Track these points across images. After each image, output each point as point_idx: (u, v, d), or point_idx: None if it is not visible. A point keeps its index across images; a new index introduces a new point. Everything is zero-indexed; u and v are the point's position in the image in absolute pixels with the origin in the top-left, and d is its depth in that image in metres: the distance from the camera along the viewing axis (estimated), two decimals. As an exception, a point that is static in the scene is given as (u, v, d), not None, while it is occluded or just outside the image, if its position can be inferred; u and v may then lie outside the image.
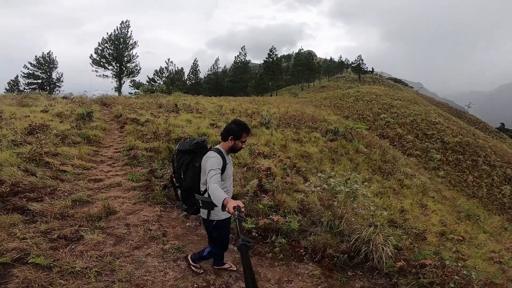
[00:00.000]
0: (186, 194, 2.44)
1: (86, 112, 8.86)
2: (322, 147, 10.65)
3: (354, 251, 3.38)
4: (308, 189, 4.35)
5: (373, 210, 3.83)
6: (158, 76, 40.00)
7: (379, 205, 5.57)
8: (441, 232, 5.72)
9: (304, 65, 56.64)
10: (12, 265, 2.66)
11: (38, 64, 33.52)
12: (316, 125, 14.86)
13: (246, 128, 2.38)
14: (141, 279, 2.68)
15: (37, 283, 2.45)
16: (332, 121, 16.90)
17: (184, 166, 2.40)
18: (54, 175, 5.06)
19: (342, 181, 4.19)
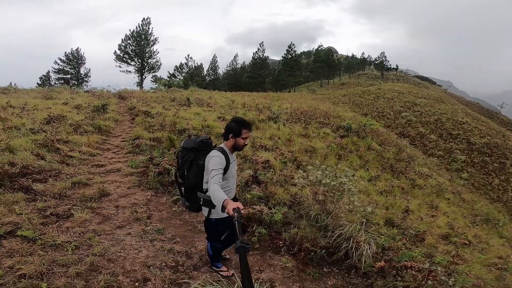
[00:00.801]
0: (189, 192, 2.44)
1: (101, 105, 9.34)
2: (330, 143, 10.46)
3: (335, 247, 3.27)
4: (296, 182, 4.30)
5: (358, 206, 3.71)
6: (178, 71, 41.04)
7: (370, 202, 5.39)
8: (446, 234, 5.44)
9: (324, 61, 55.45)
10: (4, 237, 2.92)
11: (68, 60, 35.69)
12: (328, 121, 14.58)
13: (245, 124, 2.35)
14: (114, 255, 2.84)
15: (19, 253, 2.67)
16: (347, 118, 16.48)
17: (188, 163, 2.40)
18: (62, 159, 5.42)
19: (331, 174, 4.11)
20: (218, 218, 2.36)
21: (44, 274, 2.42)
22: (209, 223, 2.45)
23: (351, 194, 3.73)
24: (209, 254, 2.68)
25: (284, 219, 3.89)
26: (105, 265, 2.67)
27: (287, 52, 48.29)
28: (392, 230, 4.44)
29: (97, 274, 2.52)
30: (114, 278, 2.49)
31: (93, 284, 2.37)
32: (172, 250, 3.03)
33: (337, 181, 3.87)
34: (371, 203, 5.08)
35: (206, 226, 2.56)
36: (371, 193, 6.78)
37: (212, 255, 2.66)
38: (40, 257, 2.64)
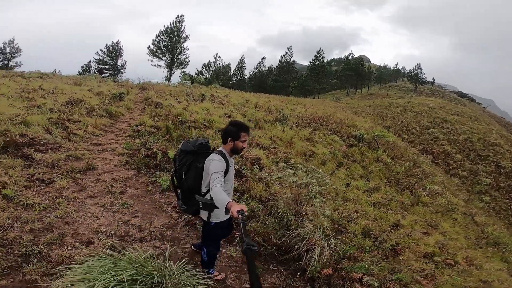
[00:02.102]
0: (187, 195, 2.41)
1: (119, 93, 10.02)
2: (334, 150, 10.28)
3: (289, 247, 3.23)
4: (263, 175, 4.37)
5: (318, 207, 3.68)
6: (205, 69, 42.33)
7: (335, 205, 5.22)
8: (431, 253, 5.19)
9: (353, 70, 54.07)
10: (-13, 192, 3.34)
11: (108, 52, 38.42)
12: (340, 129, 14.30)
13: (243, 127, 2.34)
14: (73, 219, 3.13)
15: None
16: (362, 128, 16.04)
17: (186, 166, 2.37)
18: (66, 136, 5.96)
19: (302, 174, 4.14)
20: (217, 222, 2.36)
21: (3, 226, 2.76)
22: (208, 227, 2.42)
23: (313, 195, 3.72)
24: (203, 260, 2.58)
25: (251, 213, 3.95)
26: (60, 226, 2.97)
27: (315, 58, 47.85)
28: (365, 241, 4.34)
29: (48, 232, 2.82)
30: (62, 237, 2.77)
31: (39, 239, 2.66)
32: (128, 222, 3.27)
33: (304, 181, 3.89)
34: (341, 209, 4.95)
35: (205, 231, 2.52)
36: (362, 203, 6.61)
37: (207, 261, 2.57)
38: (9, 213, 2.99)
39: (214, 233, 2.47)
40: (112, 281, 1.66)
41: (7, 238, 2.60)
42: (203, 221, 2.43)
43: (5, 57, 34.76)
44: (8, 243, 2.54)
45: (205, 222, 2.41)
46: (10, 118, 5.94)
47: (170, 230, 3.25)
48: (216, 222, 2.38)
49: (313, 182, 4.26)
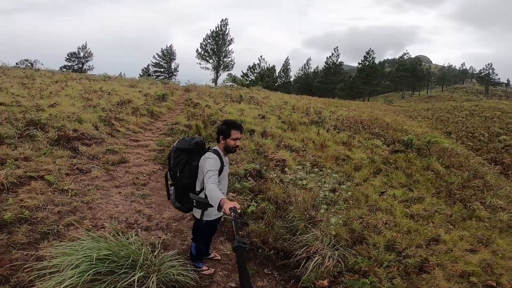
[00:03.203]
0: (181, 193, 2.42)
1: (162, 94, 10.85)
2: (374, 155, 9.52)
3: (289, 252, 3.05)
4: (283, 177, 4.24)
5: (322, 214, 3.42)
6: (250, 71, 43.25)
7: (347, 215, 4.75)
8: (469, 272, 4.47)
9: (408, 71, 49.46)
10: (35, 178, 3.91)
11: (163, 55, 42.04)
12: (385, 133, 13.20)
13: (235, 125, 2.34)
14: (96, 205, 3.48)
15: (37, 190, 3.56)
16: (413, 133, 14.55)
17: (181, 164, 2.37)
18: (110, 132, 6.68)
19: (328, 178, 3.94)
20: (208, 220, 2.38)
21: (37, 207, 3.20)
22: (199, 225, 2.46)
23: (333, 201, 3.49)
24: (192, 254, 2.65)
25: (260, 214, 3.87)
26: (83, 210, 3.32)
27: (364, 59, 45.14)
28: (386, 255, 3.92)
29: (71, 215, 3.17)
30: (81, 220, 3.09)
31: (62, 220, 3.01)
32: (140, 211, 3.50)
33: (329, 186, 3.67)
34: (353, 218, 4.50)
35: (195, 228, 2.57)
36: (395, 214, 5.98)
37: (195, 255, 2.64)
38: (46, 196, 3.46)
39: (204, 230, 2.50)
40: (87, 255, 1.83)
41: (37, 217, 3.00)
42: (195, 218, 2.47)
43: (79, 61, 40.38)
44: (36, 222, 2.94)
45: (197, 219, 2.44)
46: (68, 115, 6.89)
47: (176, 222, 3.39)
48: (207, 220, 2.41)
49: (339, 188, 4.01)
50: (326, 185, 3.64)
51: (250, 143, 7.14)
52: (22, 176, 3.93)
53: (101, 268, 1.85)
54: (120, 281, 1.85)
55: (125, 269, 1.93)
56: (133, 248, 2.19)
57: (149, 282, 1.94)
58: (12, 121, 5.87)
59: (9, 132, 5.36)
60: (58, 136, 5.61)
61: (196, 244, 2.58)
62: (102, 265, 1.86)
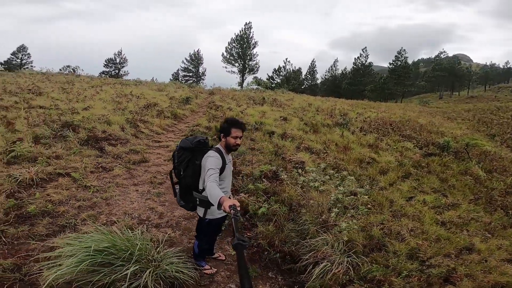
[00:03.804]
0: (185, 191, 2.43)
1: (186, 97, 11.20)
2: (404, 159, 8.92)
3: (297, 256, 2.90)
4: (300, 180, 4.10)
5: (333, 217, 3.22)
6: (276, 74, 43.20)
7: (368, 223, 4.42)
8: (503, 284, 3.97)
9: (446, 70, 46.04)
10: (63, 175, 4.20)
11: (191, 60, 43.58)
12: (418, 135, 12.35)
13: (235, 123, 2.32)
14: (114, 201, 3.63)
15: (63, 186, 3.81)
16: (450, 135, 13.46)
17: (185, 163, 2.38)
18: (134, 133, 7.00)
19: (332, 181, 3.77)
20: (211, 219, 2.39)
21: (61, 201, 3.41)
22: (203, 223, 2.47)
23: (333, 205, 3.31)
24: (194, 252, 2.67)
25: (273, 216, 3.77)
26: (101, 206, 3.48)
27: (396, 59, 42.96)
28: (408, 263, 3.62)
29: (90, 209, 3.34)
30: (97, 215, 3.24)
31: (80, 215, 3.17)
32: (153, 209, 3.59)
33: (346, 189, 3.48)
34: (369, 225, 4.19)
35: (199, 226, 2.58)
36: (424, 221, 5.52)
37: (198, 254, 2.65)
38: (70, 192, 3.69)
39: (207, 229, 2.49)
40: (86, 247, 1.91)
41: (58, 211, 3.20)
42: (198, 216, 2.47)
43: (116, 66, 43.18)
44: (57, 215, 3.13)
45: (200, 218, 2.46)
46: (99, 117, 7.36)
47: (186, 221, 3.42)
48: (210, 219, 2.40)
49: (357, 191, 3.80)
50: (340, 188, 3.45)
51: (268, 144, 7.06)
52: (52, 172, 4.24)
53: (98, 259, 1.91)
54: (115, 273, 1.89)
55: (122, 262, 1.97)
56: (137, 243, 2.23)
57: (144, 276, 1.95)
58: (49, 122, 6.40)
59: (45, 132, 5.84)
60: (87, 136, 6.00)
61: (199, 242, 2.58)
62: (99, 256, 1.92)
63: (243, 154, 6.12)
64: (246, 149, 6.55)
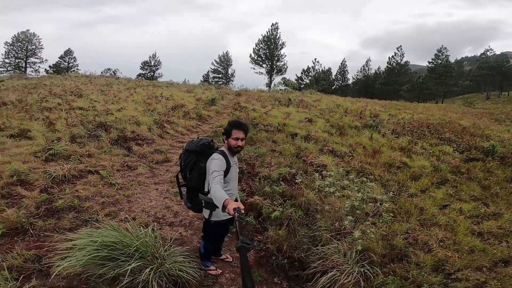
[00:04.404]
0: (192, 193, 2.45)
1: (211, 99, 11.45)
2: (440, 164, 8.21)
3: (306, 263, 2.76)
4: (319, 184, 3.94)
5: (346, 225, 3.01)
6: (305, 75, 42.54)
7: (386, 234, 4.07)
8: None
9: (493, 68, 41.67)
10: (92, 172, 4.50)
11: (220, 62, 44.59)
12: (459, 139, 11.30)
13: (236, 125, 2.31)
14: (134, 199, 3.80)
15: (91, 183, 4.08)
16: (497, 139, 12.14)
17: (190, 165, 2.40)
18: (160, 134, 7.31)
19: (352, 185, 3.57)
20: (217, 221, 2.39)
21: (87, 197, 3.65)
22: (208, 225, 2.48)
23: (348, 211, 3.12)
24: (200, 252, 2.70)
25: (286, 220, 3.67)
26: (122, 203, 3.66)
27: (436, 57, 39.91)
28: (432, 276, 3.31)
29: (111, 205, 3.53)
30: (118, 211, 3.41)
31: (102, 211, 3.36)
32: (169, 208, 3.69)
33: (367, 195, 3.28)
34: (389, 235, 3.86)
35: (205, 227, 2.60)
36: (458, 231, 5.00)
37: (203, 254, 2.68)
38: (97, 188, 3.94)
39: (212, 230, 2.49)
40: (93, 241, 2.05)
41: (83, 206, 3.43)
42: (204, 218, 2.49)
43: (151, 69, 45.58)
44: (82, 210, 3.35)
45: (206, 219, 2.47)
46: (129, 118, 7.80)
47: (199, 221, 3.46)
48: (215, 220, 2.40)
49: (381, 198, 3.56)
50: (358, 195, 3.24)
51: (290, 146, 6.93)
52: (82, 170, 4.57)
53: (103, 253, 2.00)
54: (119, 268, 1.96)
55: (126, 257, 2.04)
56: (146, 239, 2.29)
57: (145, 273, 2.00)
58: (85, 123, 6.92)
59: (81, 132, 6.31)
60: (117, 136, 6.38)
61: (205, 243, 2.60)
62: (105, 251, 2.01)
63: (263, 156, 6.08)
64: (266, 151, 6.49)
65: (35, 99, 9.90)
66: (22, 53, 42.15)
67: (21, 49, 42.03)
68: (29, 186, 3.85)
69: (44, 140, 5.71)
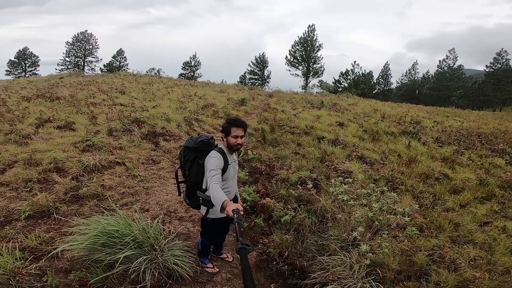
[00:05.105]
0: (191, 190, 2.46)
1: (241, 99, 11.58)
2: (488, 177, 7.25)
3: (308, 272, 2.59)
4: (339, 190, 3.74)
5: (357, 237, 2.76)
6: (343, 78, 40.96)
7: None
8: None
9: None
10: (120, 164, 4.81)
11: (256, 63, 45.05)
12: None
13: (235, 122, 2.29)
14: (152, 192, 3.98)
15: (117, 173, 4.37)
16: None
17: (189, 162, 2.41)
18: (187, 131, 7.57)
19: (371, 194, 3.33)
20: (214, 218, 2.39)
21: (110, 187, 3.90)
22: (205, 222, 2.49)
23: (359, 222, 2.88)
24: (198, 249, 2.72)
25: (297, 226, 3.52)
26: (141, 195, 3.85)
27: (495, 61, 35.52)
28: None
29: (131, 196, 3.72)
30: (135, 202, 3.59)
31: (120, 201, 3.56)
32: (183, 203, 3.77)
33: (356, 201, 3.04)
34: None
35: (202, 224, 2.61)
36: (496, 250, 4.35)
37: (201, 250, 2.69)
38: (121, 179, 4.20)
39: (209, 227, 2.48)
40: (94, 228, 2.16)
41: (105, 195, 3.67)
42: (202, 215, 2.48)
43: (191, 69, 47.67)
44: (103, 198, 3.59)
45: (202, 216, 2.47)
46: (161, 115, 8.22)
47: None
48: (212, 218, 2.38)
49: (403, 211, 3.27)
50: (376, 205, 2.98)
51: (315, 150, 6.69)
52: (112, 161, 4.91)
53: (101, 239, 2.10)
54: (113, 255, 2.05)
55: (121, 245, 2.12)
56: (150, 231, 2.36)
57: (136, 261, 2.05)
58: (122, 118, 7.45)
59: (117, 127, 6.81)
60: (148, 132, 6.76)
61: (203, 239, 2.61)
62: (104, 238, 2.11)
63: (284, 158, 5.95)
64: (289, 153, 6.35)
65: (84, 95, 10.96)
66: (80, 52, 46.87)
67: (80, 48, 46.76)
68: (63, 173, 4.25)
69: (84, 132, 6.28)
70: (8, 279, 1.96)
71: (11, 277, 1.98)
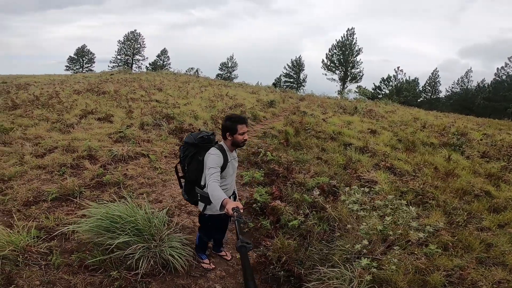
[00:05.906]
0: (189, 186, 2.47)
1: (270, 101, 11.58)
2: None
3: (303, 280, 2.50)
4: (358, 200, 3.55)
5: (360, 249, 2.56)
6: (384, 84, 38.72)
7: None
8: None
9: None
10: (144, 156, 5.11)
11: (292, 67, 44.65)
12: None
13: (239, 120, 2.28)
14: (168, 184, 4.16)
15: (140, 164, 4.65)
16: None
17: (189, 158, 2.42)
18: (212, 129, 7.77)
19: (389, 205, 3.13)
20: (211, 214, 2.41)
21: (132, 176, 4.15)
22: (203, 218, 2.51)
23: (365, 235, 2.68)
24: (196, 244, 2.75)
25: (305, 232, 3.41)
26: (157, 186, 4.05)
27: None
28: None
29: (147, 187, 3.93)
30: (151, 192, 3.78)
31: (138, 190, 3.77)
32: (191, 198, 3.89)
33: (367, 212, 2.83)
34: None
35: (200, 220, 2.63)
36: None
37: (198, 245, 2.72)
38: (143, 170, 4.46)
39: (207, 223, 2.50)
40: (102, 212, 2.30)
41: (126, 184, 3.92)
42: (199, 211, 2.51)
43: (228, 70, 48.88)
44: (124, 187, 3.83)
45: (200, 212, 2.49)
46: (190, 112, 8.56)
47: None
48: (210, 214, 2.40)
49: (416, 226, 3.02)
50: (388, 218, 2.76)
51: (339, 156, 6.42)
52: (138, 152, 5.24)
53: (103, 223, 2.25)
54: (113, 239, 2.17)
55: (121, 231, 2.24)
56: (155, 221, 2.48)
57: (130, 248, 2.15)
58: (154, 113, 7.91)
59: (149, 121, 7.25)
60: (175, 127, 7.09)
61: (200, 234, 2.64)
62: (107, 222, 2.26)
63: (305, 162, 5.81)
64: (311, 158, 6.18)
65: (126, 91, 11.86)
66: (130, 51, 50.77)
67: (130, 47, 50.64)
68: (94, 160, 4.64)
69: (120, 125, 6.79)
70: (17, 256, 2.18)
71: (20, 254, 2.20)
